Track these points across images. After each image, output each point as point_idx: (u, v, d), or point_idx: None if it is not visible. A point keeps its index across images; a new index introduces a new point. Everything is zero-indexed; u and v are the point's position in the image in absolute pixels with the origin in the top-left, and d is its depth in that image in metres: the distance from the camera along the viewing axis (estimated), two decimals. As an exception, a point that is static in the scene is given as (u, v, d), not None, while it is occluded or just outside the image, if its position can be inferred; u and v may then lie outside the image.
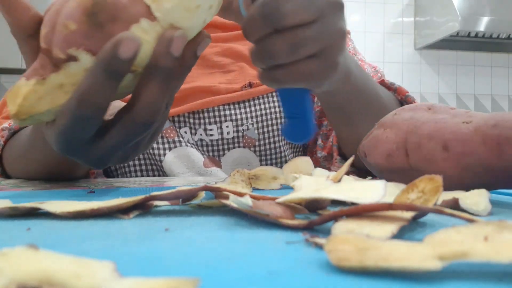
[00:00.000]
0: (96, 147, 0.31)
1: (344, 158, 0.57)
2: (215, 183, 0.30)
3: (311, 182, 0.26)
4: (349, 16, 2.58)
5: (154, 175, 0.63)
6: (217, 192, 0.24)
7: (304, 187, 0.25)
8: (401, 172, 0.31)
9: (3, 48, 2.21)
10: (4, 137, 0.54)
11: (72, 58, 0.28)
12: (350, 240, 0.14)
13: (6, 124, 0.55)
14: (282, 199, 0.21)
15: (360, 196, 0.19)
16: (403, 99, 0.58)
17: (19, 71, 2.33)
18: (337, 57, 0.35)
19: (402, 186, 0.27)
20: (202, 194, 0.27)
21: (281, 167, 0.42)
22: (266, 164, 0.64)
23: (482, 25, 2.31)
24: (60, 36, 0.27)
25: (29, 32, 0.31)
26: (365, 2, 2.60)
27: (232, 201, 0.20)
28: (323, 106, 0.49)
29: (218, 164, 0.63)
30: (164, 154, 0.62)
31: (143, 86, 0.29)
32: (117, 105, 0.35)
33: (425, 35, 2.57)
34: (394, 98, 0.58)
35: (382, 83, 0.60)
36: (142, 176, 0.63)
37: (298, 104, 0.39)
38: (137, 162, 0.63)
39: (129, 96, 0.31)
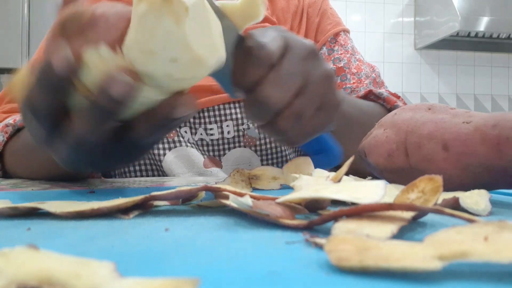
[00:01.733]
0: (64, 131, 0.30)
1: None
2: (215, 183, 0.30)
3: (311, 182, 0.26)
4: (349, 16, 2.58)
5: (153, 175, 0.63)
6: (217, 192, 0.24)
7: (304, 187, 0.25)
8: (401, 172, 0.31)
9: (3, 48, 2.21)
10: (7, 133, 0.54)
11: None
12: (350, 240, 0.14)
13: (10, 120, 0.54)
14: (282, 199, 0.21)
15: (360, 196, 0.19)
16: (392, 109, 0.60)
17: (19, 71, 2.33)
18: (335, 96, 0.36)
19: (401, 187, 0.27)
20: (202, 194, 0.27)
21: (282, 166, 0.42)
22: (267, 164, 0.64)
23: (482, 25, 2.31)
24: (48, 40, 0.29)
25: None
26: (365, 2, 2.60)
27: (232, 201, 0.20)
28: None
29: (218, 164, 0.63)
30: (164, 154, 0.61)
31: (79, 111, 0.28)
32: None
33: (425, 35, 2.57)
34: (380, 109, 0.60)
35: (370, 92, 0.61)
36: (142, 176, 0.63)
37: (318, 144, 0.40)
38: (136, 162, 0.63)
39: None
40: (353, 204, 0.20)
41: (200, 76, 0.28)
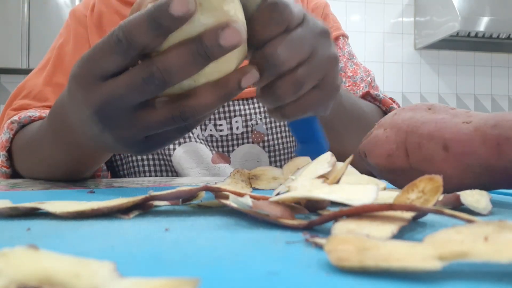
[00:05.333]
0: (112, 86, 0.29)
1: None
2: (215, 183, 0.30)
3: (307, 183, 0.26)
4: (349, 16, 2.58)
5: (161, 170, 0.64)
6: (217, 192, 0.24)
7: (299, 188, 0.25)
8: (401, 172, 0.31)
9: (3, 48, 2.21)
10: (13, 130, 0.54)
11: None
12: (350, 240, 0.14)
13: (15, 117, 0.55)
14: (274, 198, 0.21)
15: (352, 198, 0.19)
16: (387, 111, 0.62)
17: (19, 71, 2.33)
18: (336, 80, 0.37)
19: (397, 192, 0.27)
20: (202, 194, 0.27)
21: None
22: (275, 160, 0.66)
23: (482, 25, 2.31)
24: None
25: None
26: (365, 2, 2.60)
27: (232, 201, 0.20)
28: None
29: (227, 160, 0.65)
30: (174, 149, 0.63)
31: (174, 48, 0.28)
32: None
33: (425, 35, 2.57)
34: (377, 110, 0.62)
35: (368, 94, 0.63)
36: (150, 171, 0.64)
37: (308, 130, 0.41)
38: (145, 157, 0.64)
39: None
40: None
41: None
